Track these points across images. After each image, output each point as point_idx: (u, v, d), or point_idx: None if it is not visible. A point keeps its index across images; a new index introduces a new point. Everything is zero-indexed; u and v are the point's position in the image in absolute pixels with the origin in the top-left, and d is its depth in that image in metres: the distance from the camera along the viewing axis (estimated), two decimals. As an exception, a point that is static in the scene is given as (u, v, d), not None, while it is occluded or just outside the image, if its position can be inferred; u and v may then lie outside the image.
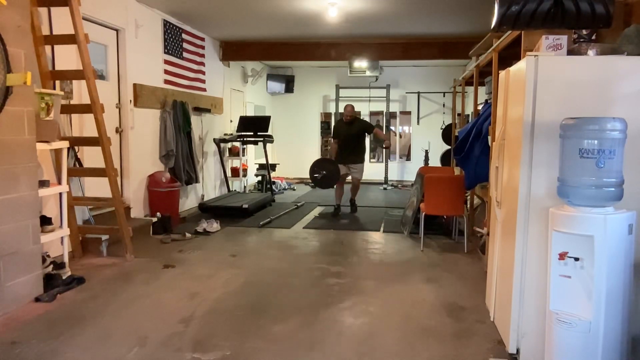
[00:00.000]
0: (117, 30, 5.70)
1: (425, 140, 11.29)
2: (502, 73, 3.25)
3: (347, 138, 7.23)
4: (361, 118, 7.94)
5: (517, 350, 2.79)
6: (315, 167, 7.35)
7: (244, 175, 9.32)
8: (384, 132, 10.72)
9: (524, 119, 2.65)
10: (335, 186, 7.43)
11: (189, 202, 7.42)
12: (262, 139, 8.69)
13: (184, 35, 7.21)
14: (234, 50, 8.73)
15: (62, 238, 4.21)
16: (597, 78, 2.62)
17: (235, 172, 9.11)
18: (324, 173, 7.20)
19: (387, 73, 11.19)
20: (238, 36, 8.27)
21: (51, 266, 3.99)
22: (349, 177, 7.45)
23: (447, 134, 8.84)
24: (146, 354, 2.84)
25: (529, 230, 2.70)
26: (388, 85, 11.26)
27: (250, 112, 10.43)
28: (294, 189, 10.35)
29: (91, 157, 5.05)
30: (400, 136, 11.96)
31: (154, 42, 6.44)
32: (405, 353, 2.92)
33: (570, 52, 2.75)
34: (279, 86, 11.43)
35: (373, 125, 7.60)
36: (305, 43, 8.51)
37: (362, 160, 7.42)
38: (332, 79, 11.47)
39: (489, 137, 4.27)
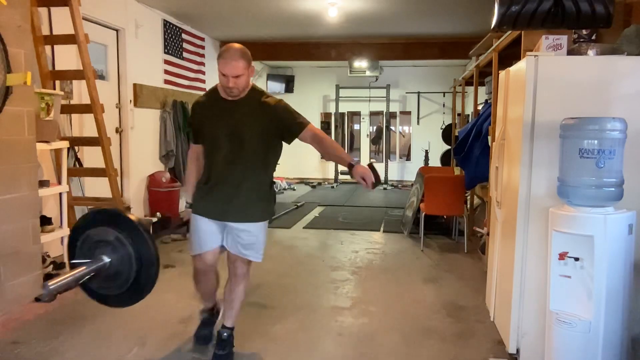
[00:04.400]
0: (117, 30, 5.69)
1: (425, 140, 11.28)
2: (502, 73, 3.25)
3: (226, 141, 2.68)
4: (267, 93, 2.89)
5: (517, 350, 2.79)
6: (76, 240, 2.31)
7: (244, 175, 9.29)
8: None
9: (523, 119, 2.65)
10: (195, 275, 2.84)
11: (189, 202, 7.40)
12: (262, 139, 8.66)
13: (183, 35, 7.20)
14: (234, 50, 8.72)
15: (62, 238, 4.20)
16: (597, 78, 2.62)
17: (235, 172, 9.09)
18: (102, 273, 2.20)
19: (387, 73, 11.18)
20: (238, 36, 8.26)
21: (51, 266, 3.99)
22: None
23: (447, 134, 8.85)
24: (146, 354, 2.84)
25: (529, 230, 2.70)
26: (388, 85, 11.25)
27: (250, 112, 10.41)
28: (294, 189, 10.34)
29: (91, 157, 5.05)
30: (403, 136, 11.93)
31: (154, 42, 6.44)
32: (405, 353, 2.92)
33: (570, 52, 2.75)
34: (279, 86, 11.42)
35: (304, 122, 2.96)
36: (305, 43, 8.50)
37: (266, 214, 2.79)
38: (332, 79, 11.46)
39: (489, 137, 4.27)
